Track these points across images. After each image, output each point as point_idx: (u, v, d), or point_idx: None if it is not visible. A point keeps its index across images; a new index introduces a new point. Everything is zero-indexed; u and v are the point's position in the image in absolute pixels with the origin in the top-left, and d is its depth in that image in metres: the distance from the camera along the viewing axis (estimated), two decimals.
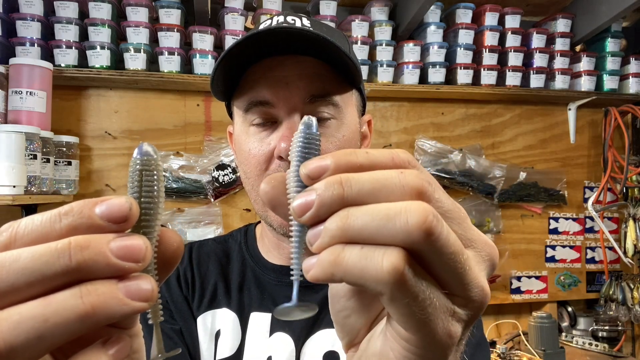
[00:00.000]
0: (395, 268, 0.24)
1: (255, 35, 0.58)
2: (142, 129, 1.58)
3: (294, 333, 0.67)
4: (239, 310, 0.70)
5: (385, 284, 0.24)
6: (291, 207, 0.26)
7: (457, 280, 0.26)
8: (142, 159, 0.26)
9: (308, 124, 0.28)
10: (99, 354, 0.24)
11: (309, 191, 0.26)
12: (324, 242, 0.25)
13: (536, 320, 1.50)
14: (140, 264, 0.24)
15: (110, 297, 0.23)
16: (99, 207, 0.24)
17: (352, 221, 0.25)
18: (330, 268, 0.25)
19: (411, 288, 0.24)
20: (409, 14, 1.64)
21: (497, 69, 1.75)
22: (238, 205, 1.65)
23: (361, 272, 0.24)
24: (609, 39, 1.88)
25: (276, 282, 0.71)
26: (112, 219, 0.24)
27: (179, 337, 0.69)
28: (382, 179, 0.25)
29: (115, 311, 0.23)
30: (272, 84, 0.62)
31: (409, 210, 0.24)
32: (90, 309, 0.22)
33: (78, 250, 0.23)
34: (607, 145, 1.88)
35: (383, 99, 1.77)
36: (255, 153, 0.64)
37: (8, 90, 1.30)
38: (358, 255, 0.24)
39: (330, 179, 0.25)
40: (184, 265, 0.75)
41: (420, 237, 0.24)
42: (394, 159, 0.27)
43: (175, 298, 0.72)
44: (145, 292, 0.24)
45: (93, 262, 0.23)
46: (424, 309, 0.25)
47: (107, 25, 1.47)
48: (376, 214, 0.24)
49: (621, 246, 1.88)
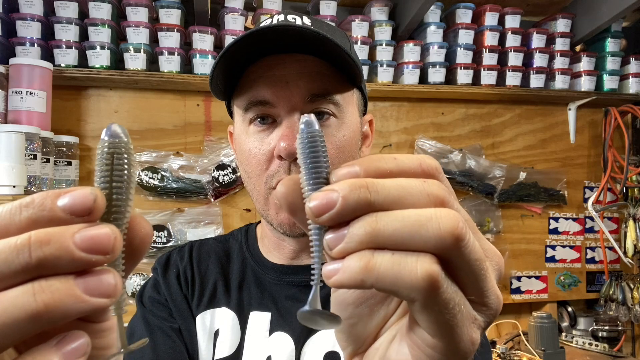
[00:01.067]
0: (430, 275, 0.23)
1: (255, 33, 0.58)
2: (142, 129, 1.58)
3: (294, 333, 0.67)
4: (239, 309, 0.70)
5: (419, 291, 0.24)
6: (307, 207, 0.25)
7: (479, 287, 0.26)
8: (112, 142, 0.25)
9: (308, 122, 0.27)
10: (50, 354, 0.22)
11: (329, 191, 0.25)
12: (349, 247, 0.24)
13: (536, 320, 1.50)
14: (109, 255, 0.22)
15: (65, 294, 0.21)
16: (62, 199, 0.22)
17: (382, 226, 0.24)
18: (360, 275, 0.24)
19: (444, 295, 0.24)
20: (409, 14, 1.64)
21: (497, 69, 1.75)
22: (238, 205, 1.65)
23: (394, 279, 0.24)
24: (609, 39, 1.88)
25: (276, 282, 0.71)
26: (75, 211, 0.22)
27: (178, 335, 0.69)
28: (407, 186, 0.25)
29: (71, 309, 0.22)
30: (272, 83, 0.62)
31: (440, 217, 0.24)
32: (43, 308, 0.21)
33: (38, 245, 0.21)
34: (607, 145, 1.88)
35: (383, 99, 1.77)
36: (255, 153, 0.64)
37: (8, 90, 1.30)
38: (391, 261, 0.24)
39: (356, 182, 0.25)
40: (184, 264, 0.75)
41: (451, 243, 0.24)
42: (422, 166, 0.27)
43: (175, 296, 0.72)
44: (107, 287, 0.22)
45: (55, 258, 0.21)
46: (454, 315, 0.25)
47: (107, 25, 1.46)
48: (407, 220, 0.24)
49: (621, 246, 1.88)
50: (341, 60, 0.61)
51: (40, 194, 0.23)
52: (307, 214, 0.25)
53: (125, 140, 0.25)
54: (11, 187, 1.15)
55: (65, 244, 0.22)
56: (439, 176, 0.27)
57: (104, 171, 0.25)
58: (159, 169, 1.56)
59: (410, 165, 0.27)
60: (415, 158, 0.27)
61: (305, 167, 0.27)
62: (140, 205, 1.56)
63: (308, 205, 0.25)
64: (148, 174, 1.55)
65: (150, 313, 0.71)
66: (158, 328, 0.68)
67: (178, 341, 0.68)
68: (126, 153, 0.25)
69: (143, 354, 0.65)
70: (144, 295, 0.73)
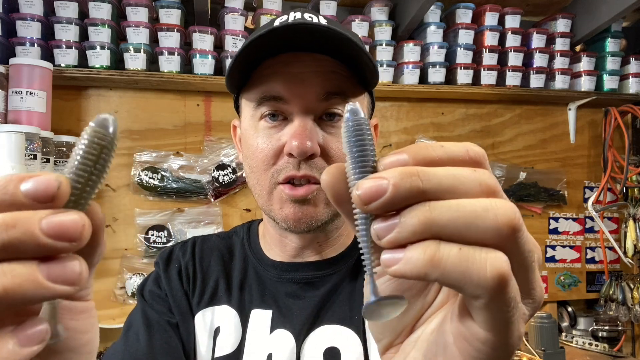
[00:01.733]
0: (500, 274, 0.23)
1: (276, 30, 0.57)
2: (142, 129, 1.58)
3: (295, 330, 0.66)
4: (240, 307, 0.70)
5: (486, 289, 0.23)
6: (354, 194, 0.24)
7: (528, 279, 0.25)
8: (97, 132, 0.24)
9: (354, 110, 0.26)
10: (6, 339, 0.22)
11: (378, 178, 0.24)
12: (401, 236, 0.23)
13: (536, 320, 1.50)
14: (76, 243, 0.22)
15: (27, 279, 0.21)
16: (25, 183, 0.22)
17: (437, 216, 0.23)
18: (424, 267, 0.23)
19: (509, 293, 0.23)
20: (409, 14, 1.64)
21: (497, 69, 1.75)
22: (238, 205, 1.65)
23: (462, 276, 0.23)
24: (609, 39, 1.88)
25: (277, 279, 0.71)
26: (38, 197, 0.22)
27: (175, 330, 0.69)
28: (459, 175, 0.24)
29: (31, 294, 0.21)
30: (287, 80, 0.61)
31: (496, 207, 0.23)
32: (2, 291, 0.21)
33: (3, 229, 0.21)
34: (607, 145, 1.88)
35: (383, 99, 1.77)
36: (263, 148, 0.63)
37: (8, 90, 1.30)
38: (458, 256, 0.23)
39: (406, 170, 0.24)
40: (186, 260, 0.74)
41: (508, 235, 0.23)
42: (469, 153, 0.26)
43: (175, 292, 0.72)
44: (70, 274, 0.22)
45: (20, 242, 0.21)
46: (513, 312, 0.24)
47: (107, 25, 1.46)
48: (462, 210, 0.23)
49: (621, 246, 1.88)
50: (359, 62, 0.60)
51: (4, 176, 0.22)
52: (355, 202, 0.24)
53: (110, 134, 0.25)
54: None
55: (31, 229, 0.21)
56: (486, 164, 0.27)
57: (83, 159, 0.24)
58: (159, 169, 1.56)
59: (458, 152, 0.26)
60: (463, 146, 0.26)
61: (351, 156, 0.26)
62: (140, 205, 1.56)
63: (356, 193, 0.24)
64: (148, 174, 1.55)
65: (150, 307, 0.71)
66: (156, 322, 0.68)
67: (174, 336, 0.68)
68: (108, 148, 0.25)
69: (138, 347, 0.65)
70: (145, 288, 0.73)
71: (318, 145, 0.61)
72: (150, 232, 1.55)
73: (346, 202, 0.26)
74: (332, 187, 0.27)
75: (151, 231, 1.55)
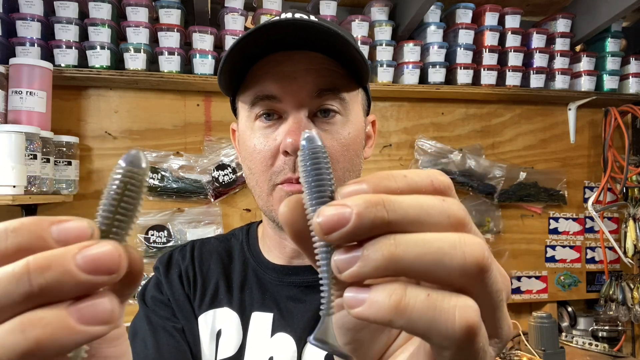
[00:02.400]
0: (469, 325, 0.21)
1: (264, 27, 0.57)
2: (142, 129, 1.58)
3: (296, 334, 0.66)
4: (240, 309, 0.70)
5: (454, 341, 0.21)
6: (315, 222, 0.22)
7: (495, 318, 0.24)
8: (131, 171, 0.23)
9: (310, 138, 0.25)
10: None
11: (341, 206, 0.22)
12: (363, 271, 0.22)
13: (536, 320, 1.50)
14: (115, 274, 0.20)
15: (58, 327, 0.19)
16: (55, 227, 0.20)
17: (402, 252, 0.21)
18: (389, 314, 0.21)
19: (478, 343, 0.22)
20: (409, 14, 1.64)
21: (497, 69, 1.75)
22: (238, 205, 1.65)
23: (428, 325, 0.21)
24: (609, 39, 1.88)
25: (277, 282, 0.71)
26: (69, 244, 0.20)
27: (181, 335, 0.69)
28: (426, 205, 0.22)
29: (66, 343, 0.20)
30: (280, 79, 0.61)
31: (464, 244, 0.22)
32: (35, 345, 0.19)
33: (38, 272, 0.19)
34: (607, 145, 1.88)
35: (383, 99, 1.77)
36: (260, 149, 0.63)
37: (8, 90, 1.30)
38: (426, 304, 0.21)
39: (371, 198, 0.22)
40: (186, 263, 0.74)
41: (475, 274, 0.22)
42: (434, 183, 0.24)
43: (178, 296, 0.72)
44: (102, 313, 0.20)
45: (58, 284, 0.19)
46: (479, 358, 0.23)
47: (107, 25, 1.46)
48: (429, 246, 0.21)
49: (621, 246, 1.88)
50: (351, 57, 0.60)
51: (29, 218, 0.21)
52: (315, 230, 0.23)
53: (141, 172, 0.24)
54: (11, 187, 1.15)
55: (68, 267, 0.20)
56: (452, 194, 0.25)
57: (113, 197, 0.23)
58: (159, 169, 1.56)
59: (422, 183, 0.24)
60: (426, 175, 0.25)
61: (307, 186, 0.25)
62: None
63: (316, 221, 0.22)
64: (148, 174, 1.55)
65: (153, 312, 0.70)
66: (161, 327, 0.68)
67: (181, 341, 0.68)
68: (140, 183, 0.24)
69: (147, 353, 0.65)
70: (146, 294, 0.73)
71: None
72: (150, 232, 1.55)
73: (306, 238, 0.25)
74: (290, 221, 0.25)
75: (151, 231, 1.55)
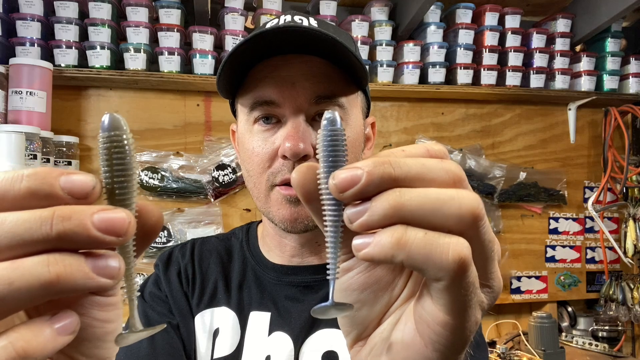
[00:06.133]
0: (461, 258, 0.24)
1: (263, 34, 0.58)
2: (142, 129, 1.58)
3: (293, 333, 0.67)
4: (239, 309, 0.70)
5: (447, 272, 0.24)
6: (331, 183, 0.26)
7: (487, 268, 0.27)
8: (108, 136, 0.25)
9: (331, 120, 0.28)
10: (43, 327, 0.24)
11: (353, 168, 0.25)
12: (372, 219, 0.25)
13: (536, 320, 1.50)
14: (122, 238, 0.24)
15: (76, 269, 0.23)
16: (64, 178, 0.24)
17: (406, 201, 0.25)
18: (391, 250, 0.24)
19: (469, 277, 0.25)
20: (409, 14, 1.64)
21: (497, 69, 1.75)
22: (238, 205, 1.65)
23: (425, 258, 0.24)
24: (609, 39, 1.88)
25: (276, 282, 0.71)
26: (74, 193, 0.24)
27: (176, 332, 0.69)
28: (427, 164, 0.26)
29: (79, 284, 0.23)
30: (278, 84, 0.62)
31: (461, 197, 0.25)
32: (55, 278, 0.23)
33: (60, 220, 0.23)
34: (607, 145, 1.88)
35: (383, 99, 1.77)
36: (258, 152, 0.64)
37: (8, 90, 1.30)
38: (423, 240, 0.24)
39: (379, 159, 0.26)
40: (186, 261, 0.75)
41: (470, 223, 0.25)
42: (429, 151, 0.28)
43: (175, 293, 0.72)
44: (112, 269, 0.24)
45: (73, 234, 0.23)
46: (471, 296, 0.26)
47: (107, 25, 1.47)
48: (430, 197, 0.25)
49: (621, 246, 1.88)
50: (348, 62, 0.61)
51: (43, 168, 0.24)
52: (331, 190, 0.26)
53: (119, 133, 0.26)
54: None
55: (84, 222, 0.23)
56: (448, 159, 0.28)
57: (105, 167, 0.26)
58: (159, 169, 1.56)
59: (418, 153, 0.28)
60: (423, 147, 0.28)
61: (324, 159, 0.27)
62: None
63: (332, 182, 0.26)
64: (148, 174, 1.55)
65: (151, 308, 0.71)
66: (157, 323, 0.69)
67: (175, 337, 0.69)
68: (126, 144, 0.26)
69: (140, 348, 0.66)
70: (145, 290, 0.74)
71: (311, 146, 0.62)
72: None
73: (315, 200, 0.28)
74: (302, 185, 0.28)
75: None
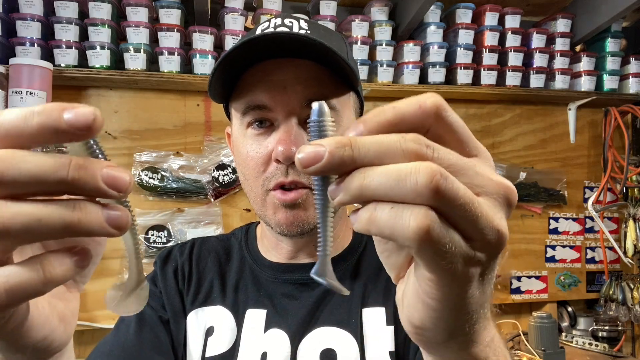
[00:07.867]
0: (420, 227, 0.26)
1: (252, 41, 0.59)
2: (142, 129, 1.58)
3: (290, 330, 0.67)
4: (234, 308, 0.71)
5: (411, 241, 0.26)
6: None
7: (473, 227, 0.28)
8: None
9: (318, 110, 0.29)
10: (65, 258, 0.29)
11: (318, 145, 0.27)
12: (344, 199, 0.28)
13: (536, 320, 1.50)
14: (122, 194, 0.27)
15: (94, 217, 0.27)
16: (67, 112, 0.26)
17: (369, 182, 0.27)
18: (367, 225, 0.28)
19: (434, 244, 0.27)
20: (409, 14, 1.64)
21: (497, 69, 1.75)
22: (238, 205, 1.65)
23: (391, 230, 0.27)
24: (609, 39, 1.88)
25: (273, 279, 0.72)
26: (76, 126, 0.26)
27: (165, 326, 0.70)
28: (385, 142, 0.28)
29: (94, 230, 0.27)
30: (270, 88, 0.63)
31: (418, 171, 0.26)
32: (77, 221, 0.27)
33: (75, 168, 0.26)
34: (607, 145, 1.88)
35: (383, 99, 1.76)
36: (253, 155, 0.65)
37: (8, 90, 1.30)
38: (388, 214, 0.27)
39: (341, 140, 0.27)
40: (183, 259, 0.76)
41: (430, 195, 0.26)
42: (421, 107, 0.29)
43: (169, 290, 0.73)
44: (122, 222, 0.28)
45: (84, 182, 0.26)
46: (445, 257, 0.27)
47: (107, 25, 1.47)
48: (388, 175, 0.27)
49: (621, 246, 1.88)
50: (337, 65, 0.62)
51: (51, 104, 0.27)
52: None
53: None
54: None
55: (95, 174, 0.26)
56: (442, 113, 0.29)
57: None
58: (159, 169, 1.56)
59: (410, 110, 0.29)
60: (415, 100, 0.29)
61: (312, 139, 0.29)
62: (140, 205, 1.56)
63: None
64: (148, 174, 1.55)
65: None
66: (148, 316, 0.70)
67: (164, 332, 0.70)
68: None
69: (127, 337, 0.67)
70: None
71: None
72: (150, 232, 1.55)
73: None
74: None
75: (151, 231, 1.55)
